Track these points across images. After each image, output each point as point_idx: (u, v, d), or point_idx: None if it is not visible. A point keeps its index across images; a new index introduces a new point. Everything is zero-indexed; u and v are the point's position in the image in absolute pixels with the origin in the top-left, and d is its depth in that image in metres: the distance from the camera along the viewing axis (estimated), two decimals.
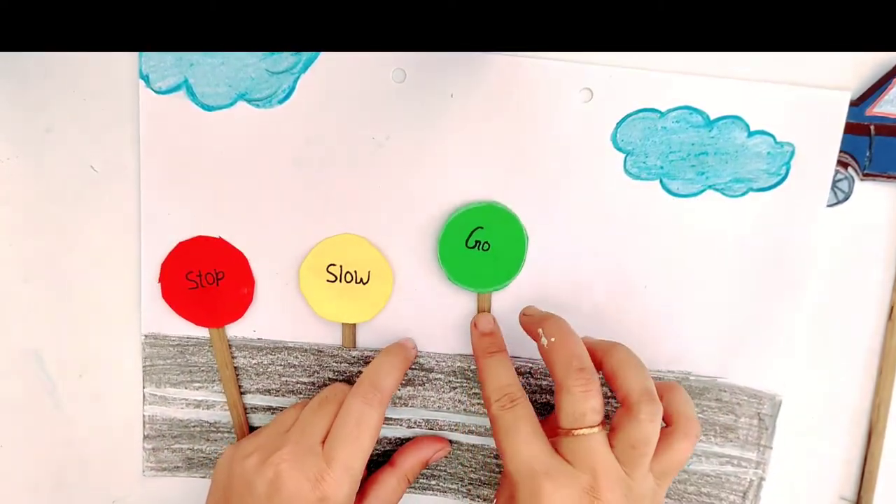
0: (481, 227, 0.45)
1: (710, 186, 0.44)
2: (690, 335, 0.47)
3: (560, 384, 0.39)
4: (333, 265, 0.46)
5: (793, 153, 0.43)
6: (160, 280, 0.46)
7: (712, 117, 0.43)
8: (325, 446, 0.42)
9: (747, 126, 0.43)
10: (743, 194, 0.44)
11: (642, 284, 0.46)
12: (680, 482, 0.49)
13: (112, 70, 0.44)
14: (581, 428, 0.38)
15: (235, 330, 0.48)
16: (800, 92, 0.43)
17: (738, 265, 0.45)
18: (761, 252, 0.45)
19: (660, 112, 0.43)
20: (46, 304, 0.47)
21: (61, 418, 0.49)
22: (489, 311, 0.47)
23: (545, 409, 0.48)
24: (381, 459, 0.49)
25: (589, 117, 0.44)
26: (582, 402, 0.38)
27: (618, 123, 0.44)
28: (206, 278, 0.46)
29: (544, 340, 0.41)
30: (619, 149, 0.44)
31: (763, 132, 0.43)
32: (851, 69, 0.43)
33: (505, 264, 0.46)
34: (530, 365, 0.47)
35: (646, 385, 0.39)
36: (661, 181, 0.44)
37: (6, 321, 0.47)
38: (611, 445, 0.38)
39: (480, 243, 0.45)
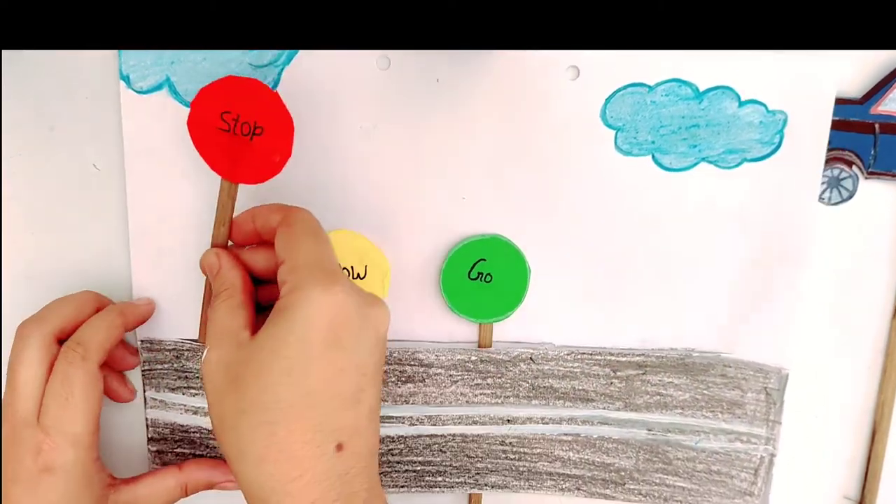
0: (484, 260, 0.45)
1: (703, 159, 0.44)
2: (690, 311, 0.46)
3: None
4: None
5: (785, 121, 0.43)
6: (192, 104, 0.40)
7: (702, 89, 0.43)
8: (40, 414, 0.40)
9: (738, 96, 0.43)
10: (737, 165, 0.44)
11: (640, 262, 0.46)
12: (689, 460, 0.48)
13: (113, 69, 0.43)
14: None
15: None
16: (790, 59, 0.42)
17: (736, 237, 0.45)
18: (759, 223, 0.45)
19: (648, 86, 0.43)
20: (48, 302, 0.46)
21: None
22: (490, 336, 0.47)
23: (548, 393, 0.47)
24: (385, 458, 0.48)
25: (577, 95, 0.43)
26: None
27: (606, 100, 0.43)
28: (242, 127, 0.40)
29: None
30: (609, 125, 0.44)
31: (754, 101, 0.43)
32: (856, 68, 0.43)
33: (507, 297, 0.46)
34: (531, 351, 0.47)
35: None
36: (653, 156, 0.44)
37: (8, 319, 0.47)
38: None
39: (483, 275, 0.45)
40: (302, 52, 0.43)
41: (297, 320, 0.34)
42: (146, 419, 0.48)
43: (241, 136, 0.40)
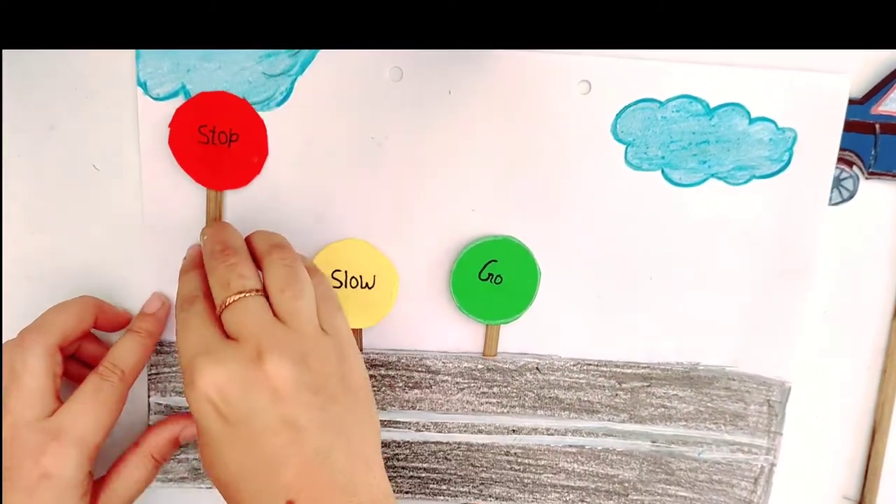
0: (495, 261, 0.45)
1: (712, 175, 0.44)
2: (697, 325, 0.47)
3: (208, 272, 0.38)
4: (338, 271, 0.45)
5: (795, 139, 0.43)
6: (170, 126, 0.44)
7: (712, 105, 0.43)
8: (54, 419, 0.40)
9: (748, 113, 0.43)
10: (746, 182, 0.44)
11: (647, 276, 0.46)
12: (691, 470, 0.49)
13: (113, 68, 0.43)
14: (231, 295, 0.36)
15: None
16: (800, 77, 0.43)
17: (743, 253, 0.45)
18: (766, 239, 0.45)
19: (659, 102, 0.43)
20: (49, 302, 0.46)
21: None
22: (496, 341, 0.47)
23: (553, 404, 0.48)
24: (391, 463, 0.49)
25: (588, 109, 0.43)
26: (227, 272, 0.37)
27: (617, 115, 0.44)
28: (220, 136, 0.44)
29: (201, 242, 0.40)
30: (620, 140, 0.44)
31: (764, 119, 0.43)
32: (856, 68, 0.43)
33: (517, 299, 0.46)
34: (537, 361, 0.47)
35: (271, 240, 0.39)
36: (662, 171, 0.44)
37: (9, 319, 0.47)
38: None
39: (493, 276, 0.45)
40: (315, 63, 0.43)
41: (196, 420, 0.36)
42: (149, 426, 0.48)
43: (220, 144, 0.43)
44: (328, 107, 0.43)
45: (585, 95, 0.43)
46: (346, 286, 0.46)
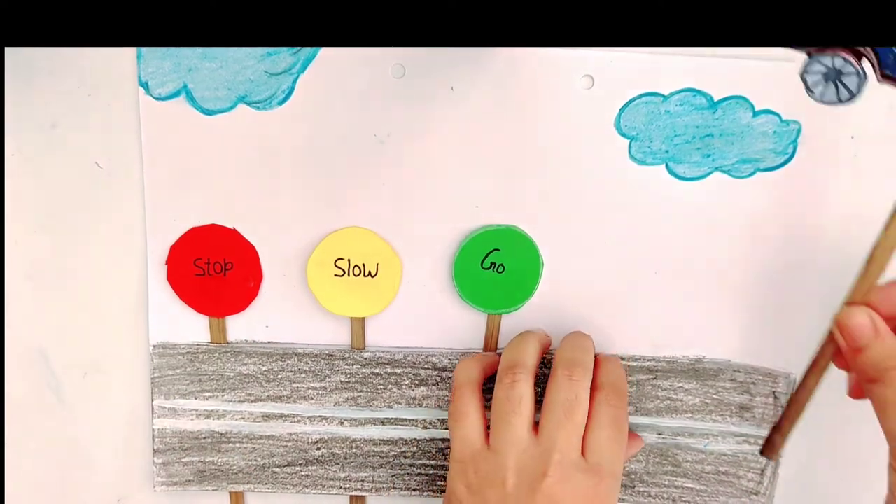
0: (498, 250, 0.45)
1: (716, 168, 0.44)
2: (702, 319, 0.47)
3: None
4: (341, 259, 0.45)
5: (799, 131, 0.43)
6: (167, 263, 0.46)
7: (716, 98, 0.43)
8: (588, 452, 0.40)
9: (752, 106, 0.43)
10: (750, 175, 0.44)
11: (652, 270, 0.46)
12: (697, 462, 0.49)
13: (115, 66, 0.43)
14: None
15: (245, 333, 0.47)
16: None
17: (748, 247, 0.46)
18: (770, 232, 0.45)
19: (662, 96, 0.43)
20: (52, 301, 0.46)
21: (67, 416, 0.49)
22: (498, 333, 0.47)
23: None
24: (398, 461, 0.49)
25: (591, 104, 0.43)
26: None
27: (620, 109, 0.43)
28: (214, 267, 0.46)
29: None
30: (623, 134, 0.44)
31: (768, 111, 0.43)
32: None
33: (518, 288, 0.46)
34: (544, 355, 0.47)
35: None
36: (666, 165, 0.44)
37: (11, 318, 0.47)
38: None
39: (496, 265, 0.45)
40: (316, 60, 0.42)
41: None
42: (153, 430, 0.48)
43: (216, 274, 0.46)
44: (330, 104, 0.43)
45: (588, 90, 0.43)
46: (348, 274, 0.46)
